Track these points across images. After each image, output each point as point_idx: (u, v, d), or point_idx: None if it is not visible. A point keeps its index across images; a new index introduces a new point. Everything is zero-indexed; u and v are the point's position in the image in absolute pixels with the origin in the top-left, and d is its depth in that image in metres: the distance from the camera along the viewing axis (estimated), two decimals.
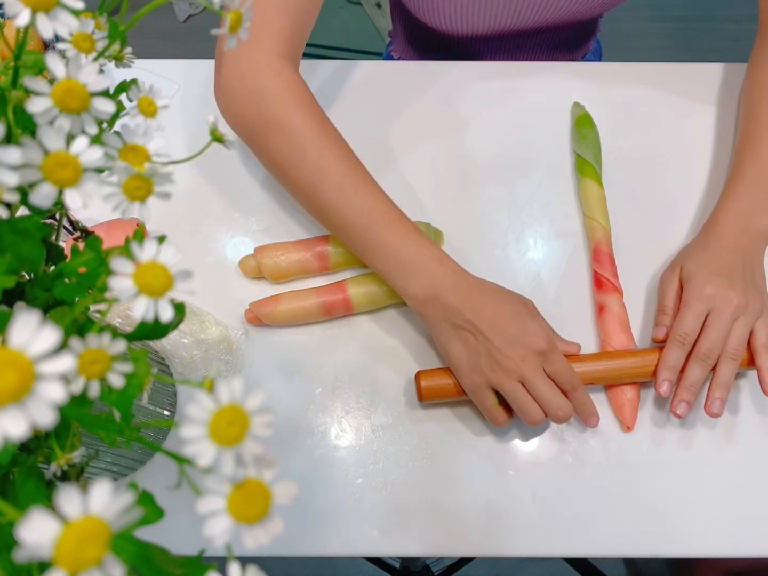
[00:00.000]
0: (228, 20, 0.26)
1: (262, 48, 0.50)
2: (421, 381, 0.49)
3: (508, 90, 0.67)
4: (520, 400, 0.45)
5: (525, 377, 0.45)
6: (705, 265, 0.50)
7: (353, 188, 0.49)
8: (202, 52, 0.56)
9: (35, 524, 0.16)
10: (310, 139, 0.49)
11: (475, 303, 0.47)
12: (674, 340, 0.48)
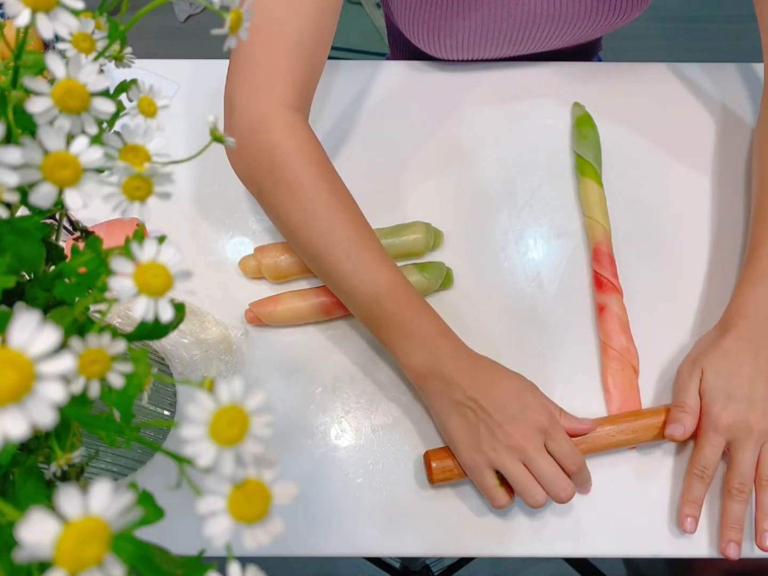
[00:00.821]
0: (228, 20, 0.26)
1: (274, 99, 0.49)
2: (431, 462, 0.47)
3: (508, 90, 0.67)
4: (523, 482, 0.44)
5: (527, 456, 0.44)
6: (724, 381, 0.47)
7: (361, 256, 0.48)
8: (202, 52, 0.56)
9: (35, 524, 0.16)
10: (320, 203, 0.48)
11: (475, 379, 0.45)
12: (693, 474, 0.47)
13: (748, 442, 0.45)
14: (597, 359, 0.54)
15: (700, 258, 0.58)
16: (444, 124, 0.65)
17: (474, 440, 0.45)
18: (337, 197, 0.49)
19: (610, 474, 0.49)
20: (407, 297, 0.48)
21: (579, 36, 0.68)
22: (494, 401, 0.45)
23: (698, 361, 0.49)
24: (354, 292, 0.48)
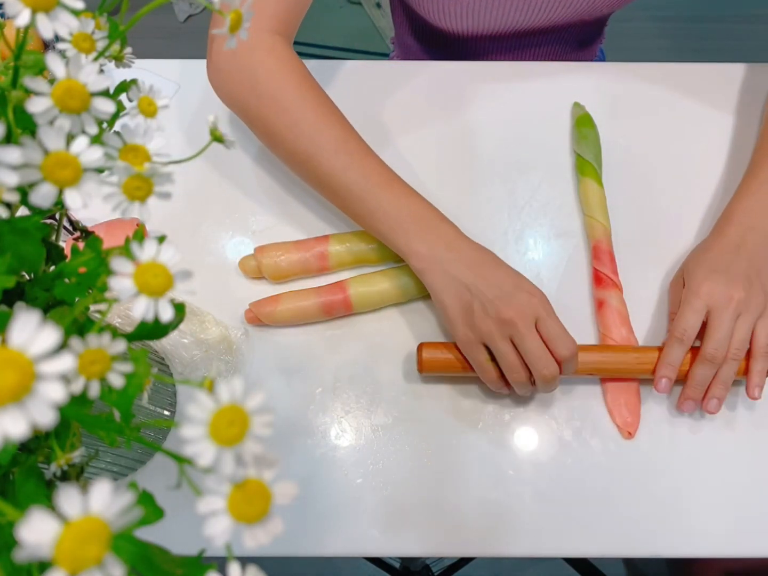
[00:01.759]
0: (228, 20, 0.26)
1: (255, 25, 0.51)
2: (422, 352, 0.50)
3: (508, 90, 0.67)
4: (509, 358, 0.45)
5: (516, 331, 0.45)
6: (705, 262, 0.50)
7: (349, 154, 0.50)
8: (202, 52, 0.56)
9: (35, 524, 0.16)
10: (305, 108, 0.50)
11: (474, 259, 0.48)
12: (673, 337, 0.48)
13: (726, 310, 0.47)
14: None
15: None
16: (443, 124, 0.65)
17: (468, 315, 0.46)
18: (320, 102, 0.51)
19: (610, 474, 0.49)
20: (400, 187, 0.50)
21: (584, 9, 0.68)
22: (490, 279, 0.47)
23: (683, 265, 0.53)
24: (347, 189, 0.50)
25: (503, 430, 0.51)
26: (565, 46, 0.80)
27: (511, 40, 0.77)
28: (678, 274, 0.54)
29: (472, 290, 0.46)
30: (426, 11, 0.69)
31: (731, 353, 0.47)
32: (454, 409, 0.52)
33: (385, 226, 0.49)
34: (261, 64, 0.51)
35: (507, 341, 0.45)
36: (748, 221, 0.51)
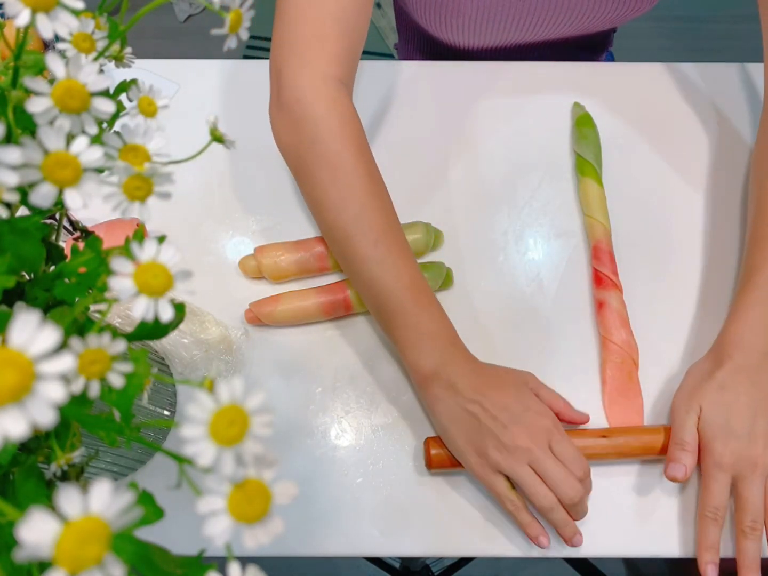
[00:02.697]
0: (228, 20, 0.26)
1: (320, 71, 0.49)
2: (430, 449, 0.48)
3: (508, 90, 0.67)
4: (531, 482, 0.43)
5: (533, 457, 0.43)
6: (722, 419, 0.46)
7: (388, 246, 0.48)
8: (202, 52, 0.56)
9: (35, 524, 0.16)
10: (358, 186, 0.48)
11: (479, 383, 0.46)
12: (706, 518, 0.45)
13: (754, 478, 0.44)
14: (597, 357, 0.54)
15: (700, 256, 0.58)
16: (443, 124, 0.65)
17: (479, 445, 0.44)
18: (373, 183, 0.49)
19: (611, 474, 0.49)
20: (426, 298, 0.48)
21: (587, 25, 0.68)
22: (497, 402, 0.44)
23: (695, 396, 0.48)
24: (374, 283, 0.48)
25: None
26: (570, 56, 0.80)
27: (513, 54, 0.76)
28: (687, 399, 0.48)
29: (481, 417, 0.44)
30: (428, 24, 0.68)
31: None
32: None
33: (401, 334, 0.48)
34: (324, 119, 0.49)
35: (526, 466, 0.43)
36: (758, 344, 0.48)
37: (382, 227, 0.48)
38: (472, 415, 0.45)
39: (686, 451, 0.46)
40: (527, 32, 0.68)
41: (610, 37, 0.84)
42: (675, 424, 0.48)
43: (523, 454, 0.43)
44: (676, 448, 0.47)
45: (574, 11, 0.65)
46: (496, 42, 0.71)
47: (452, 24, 0.66)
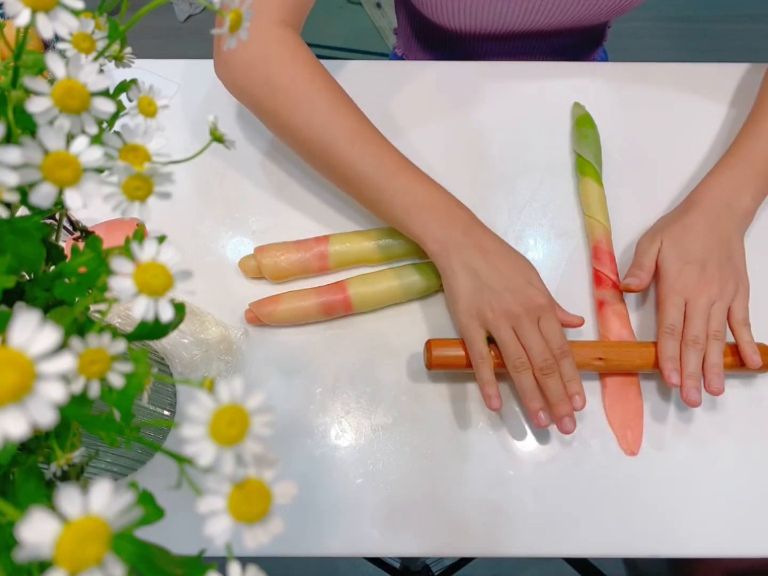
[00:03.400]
0: (228, 20, 0.26)
1: (264, 17, 0.51)
2: (431, 349, 0.50)
3: (508, 90, 0.67)
4: (509, 342, 0.47)
5: (519, 323, 0.47)
6: (680, 250, 0.52)
7: (364, 143, 0.50)
8: (202, 52, 0.56)
9: (35, 524, 0.16)
10: (319, 99, 0.51)
11: (488, 246, 0.49)
12: (664, 333, 0.50)
13: (700, 301, 0.50)
14: None
15: None
16: (443, 124, 0.65)
17: (475, 299, 0.48)
18: (334, 93, 0.52)
19: (610, 474, 0.49)
20: (416, 174, 0.51)
21: (585, 14, 0.68)
22: (502, 270, 0.48)
23: (659, 232, 0.54)
24: (363, 178, 0.50)
25: (503, 430, 0.51)
26: (565, 49, 0.80)
27: (510, 42, 0.77)
28: (651, 237, 0.54)
29: (483, 277, 0.48)
30: (425, 7, 0.69)
31: (711, 334, 0.49)
32: (454, 409, 0.52)
33: (401, 212, 0.50)
34: (274, 56, 0.51)
35: (510, 330, 0.47)
36: (724, 198, 0.53)
37: (353, 127, 0.51)
38: (476, 273, 0.48)
39: (642, 271, 0.52)
40: (523, 20, 0.69)
41: (604, 33, 0.84)
42: (637, 252, 0.54)
43: (510, 318, 0.47)
44: (634, 267, 0.53)
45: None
46: (491, 28, 0.71)
47: (450, 8, 0.67)
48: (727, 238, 0.52)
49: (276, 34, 0.52)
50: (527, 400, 0.47)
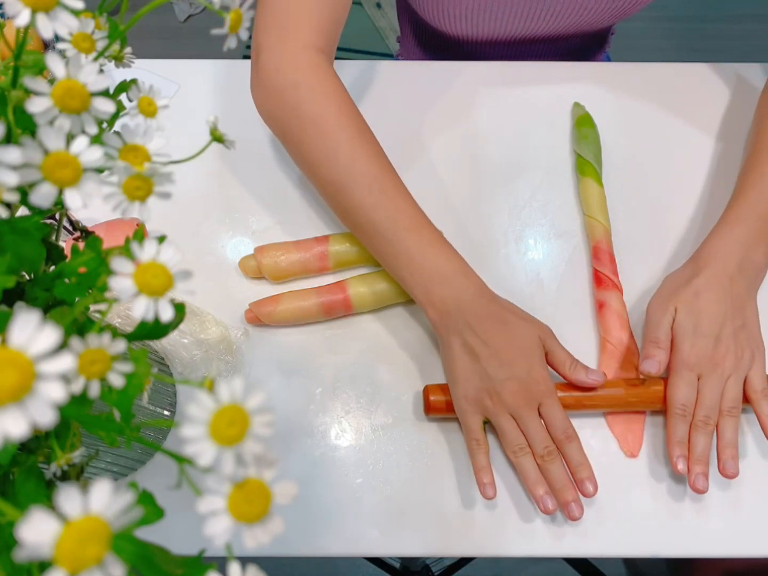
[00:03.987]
0: (228, 20, 0.26)
1: (300, 41, 0.50)
2: (429, 395, 0.49)
3: (508, 90, 0.67)
4: (508, 430, 0.46)
5: (519, 413, 0.45)
6: (694, 320, 0.48)
7: (383, 190, 0.49)
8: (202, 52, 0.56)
9: (35, 524, 0.16)
10: (343, 137, 0.49)
11: (493, 328, 0.46)
12: (675, 414, 0.47)
13: (713, 377, 0.47)
14: (597, 358, 0.54)
15: None
16: (443, 124, 0.65)
17: (474, 385, 0.46)
18: (359, 132, 0.50)
19: (610, 474, 0.49)
20: (429, 234, 0.49)
21: (587, 19, 0.68)
22: (504, 355, 0.46)
23: (671, 299, 0.50)
24: (374, 227, 0.49)
25: None
26: (568, 53, 0.80)
27: (512, 48, 0.77)
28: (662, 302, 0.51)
29: (483, 362, 0.46)
30: (427, 13, 0.69)
31: (726, 411, 0.47)
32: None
33: (407, 272, 0.48)
34: (305, 83, 0.50)
35: (509, 417, 0.46)
36: (736, 256, 0.50)
37: (373, 173, 0.49)
38: (476, 356, 0.46)
39: (660, 348, 0.48)
40: (526, 24, 0.69)
41: (607, 38, 0.84)
42: (650, 323, 0.51)
43: (510, 407, 0.45)
44: (651, 345, 0.49)
45: (574, 3, 0.65)
46: (492, 34, 0.71)
47: (451, 14, 0.67)
48: (740, 302, 0.49)
49: (308, 59, 0.50)
50: (530, 485, 0.45)
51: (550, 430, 0.46)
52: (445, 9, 0.67)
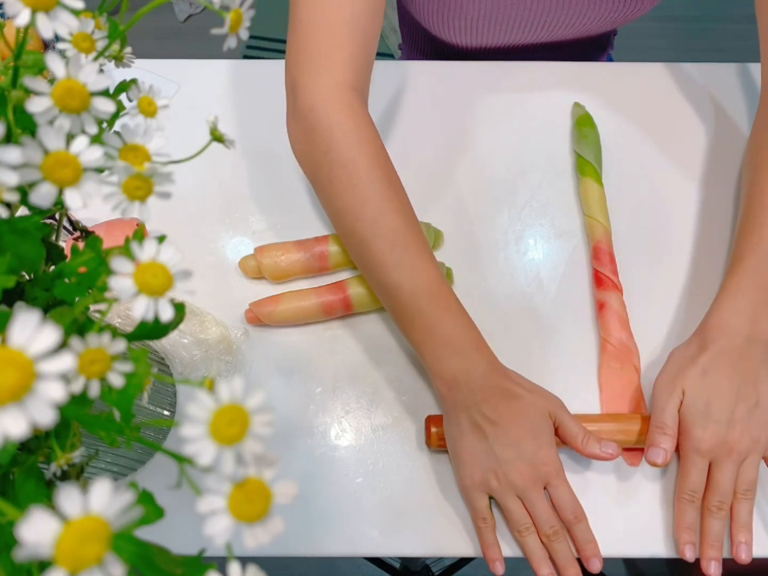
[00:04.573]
0: (228, 20, 0.26)
1: (334, 78, 0.49)
2: (431, 427, 0.49)
3: (508, 90, 0.67)
4: (513, 510, 0.45)
5: (525, 494, 0.44)
6: (703, 403, 0.46)
7: (405, 250, 0.47)
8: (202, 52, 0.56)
9: (35, 523, 0.16)
10: (373, 189, 0.48)
11: (500, 402, 0.45)
12: (684, 500, 0.46)
13: (728, 462, 0.45)
14: (597, 358, 0.54)
15: (700, 256, 0.58)
16: (444, 124, 0.65)
17: (481, 466, 0.45)
18: (390, 186, 0.49)
19: (610, 474, 0.49)
20: (446, 300, 0.47)
21: (589, 27, 0.68)
22: (512, 435, 0.44)
23: (677, 380, 0.48)
24: (393, 287, 0.47)
25: None
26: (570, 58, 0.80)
27: (515, 54, 0.76)
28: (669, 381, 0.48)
29: (490, 441, 0.45)
30: (431, 25, 0.68)
31: (741, 494, 0.45)
32: None
33: (418, 337, 0.47)
34: (338, 126, 0.49)
35: (516, 498, 0.45)
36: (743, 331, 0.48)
37: (399, 230, 0.48)
38: (483, 434, 0.45)
39: (666, 435, 0.46)
40: (529, 33, 0.69)
41: (610, 40, 0.84)
42: (656, 407, 0.48)
43: (516, 488, 0.44)
44: (657, 432, 0.47)
45: (576, 12, 0.65)
46: (498, 42, 0.71)
47: (455, 25, 0.67)
48: (752, 377, 0.46)
49: (342, 99, 0.49)
50: (535, 564, 0.45)
51: (558, 511, 0.45)
52: (450, 22, 0.66)
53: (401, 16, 0.83)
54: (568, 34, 0.70)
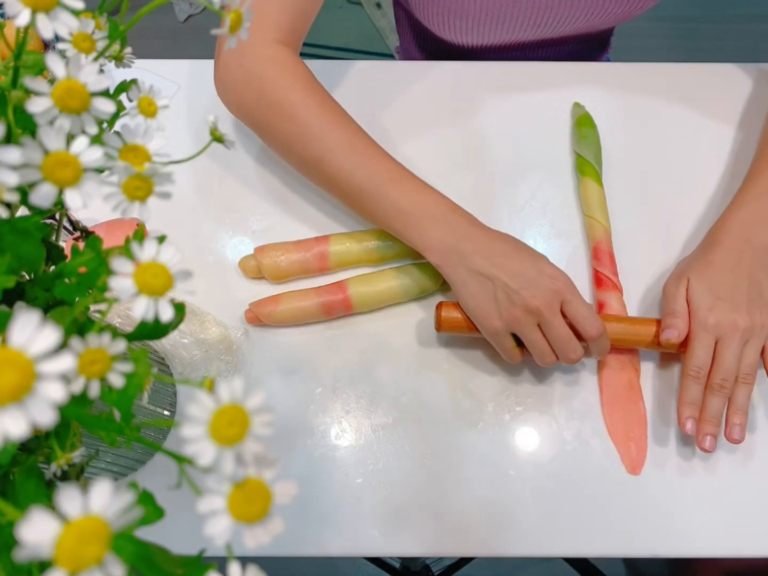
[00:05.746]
0: (228, 20, 0.26)
1: (260, 36, 0.52)
2: (441, 311, 0.50)
3: (508, 90, 0.67)
4: (538, 346, 0.46)
5: (542, 319, 0.46)
6: (709, 286, 0.49)
7: (359, 155, 0.50)
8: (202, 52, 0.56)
9: (35, 524, 0.16)
10: (311, 114, 0.51)
11: (491, 249, 0.48)
12: (689, 376, 0.48)
13: (734, 339, 0.47)
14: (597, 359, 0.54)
15: None
16: (443, 124, 0.65)
17: (492, 307, 0.47)
18: (325, 106, 0.52)
19: (610, 474, 0.49)
20: (411, 182, 0.50)
21: (591, 23, 0.68)
22: (510, 268, 0.46)
23: (684, 273, 0.51)
24: (359, 190, 0.50)
25: (503, 430, 0.51)
26: (569, 57, 0.80)
27: (515, 53, 0.77)
28: (676, 279, 0.52)
29: (494, 281, 0.46)
30: (432, 24, 0.68)
31: (741, 377, 0.47)
32: (454, 409, 0.52)
33: (399, 224, 0.50)
34: (266, 73, 0.51)
35: (536, 329, 0.46)
36: (745, 234, 0.51)
37: (346, 138, 0.51)
38: (485, 280, 0.47)
39: (677, 317, 0.49)
40: (530, 30, 0.69)
41: (610, 39, 0.84)
42: (666, 297, 0.52)
43: (532, 316, 0.46)
44: (668, 316, 0.50)
45: (578, 8, 0.65)
46: (499, 40, 0.71)
47: (455, 24, 0.67)
48: (754, 273, 0.49)
49: (270, 52, 0.52)
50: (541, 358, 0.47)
51: (577, 329, 0.46)
52: (451, 21, 0.67)
53: (399, 16, 0.83)
54: (570, 31, 0.70)
